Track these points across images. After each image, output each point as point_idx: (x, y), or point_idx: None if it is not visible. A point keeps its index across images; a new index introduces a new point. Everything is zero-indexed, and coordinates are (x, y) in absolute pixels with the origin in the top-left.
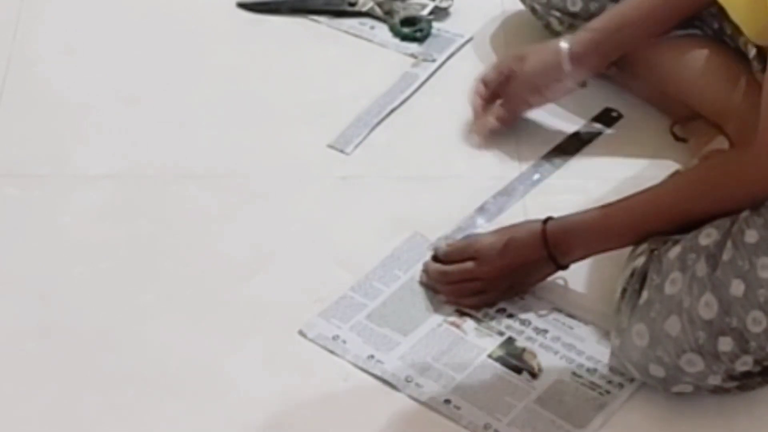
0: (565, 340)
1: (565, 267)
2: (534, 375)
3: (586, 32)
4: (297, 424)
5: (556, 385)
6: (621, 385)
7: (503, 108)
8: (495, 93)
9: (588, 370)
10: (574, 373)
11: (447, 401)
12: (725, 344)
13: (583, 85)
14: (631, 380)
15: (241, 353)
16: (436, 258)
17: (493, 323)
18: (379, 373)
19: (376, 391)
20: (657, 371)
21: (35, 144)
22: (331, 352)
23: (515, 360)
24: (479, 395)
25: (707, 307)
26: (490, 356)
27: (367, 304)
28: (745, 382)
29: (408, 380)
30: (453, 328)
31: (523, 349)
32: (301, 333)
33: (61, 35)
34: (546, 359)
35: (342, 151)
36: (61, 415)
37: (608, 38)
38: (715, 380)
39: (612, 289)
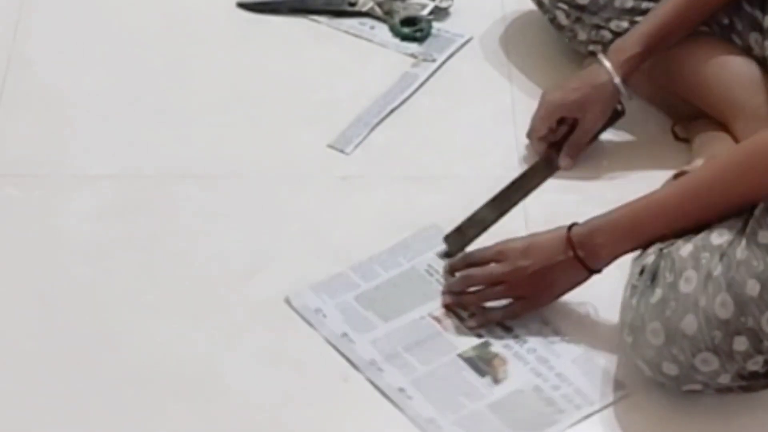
0: (540, 353)
1: (597, 271)
2: (496, 381)
3: (632, 57)
4: (297, 424)
5: (513, 395)
6: (579, 407)
7: (570, 157)
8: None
9: (552, 386)
10: (536, 387)
11: (401, 389)
12: (740, 344)
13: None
14: (591, 403)
15: (241, 353)
16: (452, 272)
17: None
18: (346, 352)
19: (376, 391)
20: (670, 369)
21: (35, 144)
22: (309, 323)
23: (483, 363)
24: (434, 390)
25: (723, 307)
26: (460, 355)
27: (361, 285)
28: (750, 383)
29: (372, 363)
30: (434, 323)
31: (496, 355)
32: (287, 300)
33: (61, 35)
34: (515, 368)
35: (342, 151)
36: (61, 415)
37: (651, 54)
38: (725, 379)
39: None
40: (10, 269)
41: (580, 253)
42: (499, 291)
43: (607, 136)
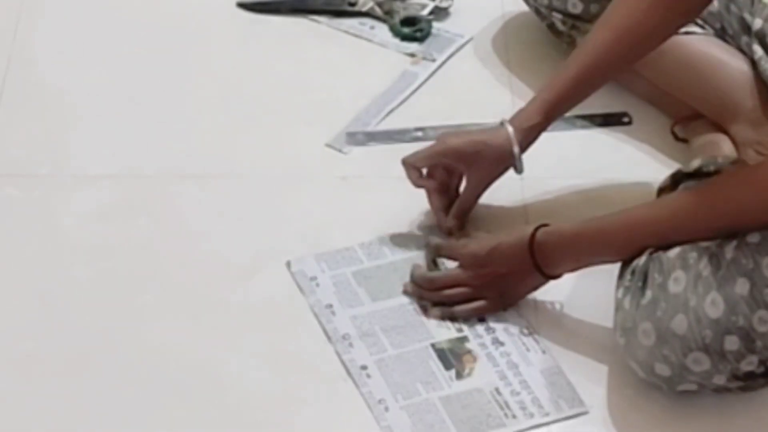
0: (513, 359)
1: (554, 277)
2: (460, 376)
3: (532, 126)
4: (297, 424)
5: (470, 393)
6: (531, 415)
7: (459, 218)
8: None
9: (512, 391)
10: (496, 389)
11: (363, 367)
12: (731, 343)
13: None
14: (545, 414)
15: (241, 353)
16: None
17: (461, 320)
18: (324, 323)
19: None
20: (663, 370)
21: (35, 144)
22: (300, 289)
23: (453, 357)
24: (396, 373)
25: (713, 306)
26: (433, 345)
27: (363, 261)
28: (747, 383)
29: (345, 338)
30: (419, 311)
31: (468, 351)
32: (288, 264)
33: (61, 35)
34: (483, 368)
35: (341, 151)
36: (61, 415)
37: (555, 118)
38: (719, 380)
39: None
40: (10, 269)
41: (540, 260)
42: (464, 293)
43: (608, 136)
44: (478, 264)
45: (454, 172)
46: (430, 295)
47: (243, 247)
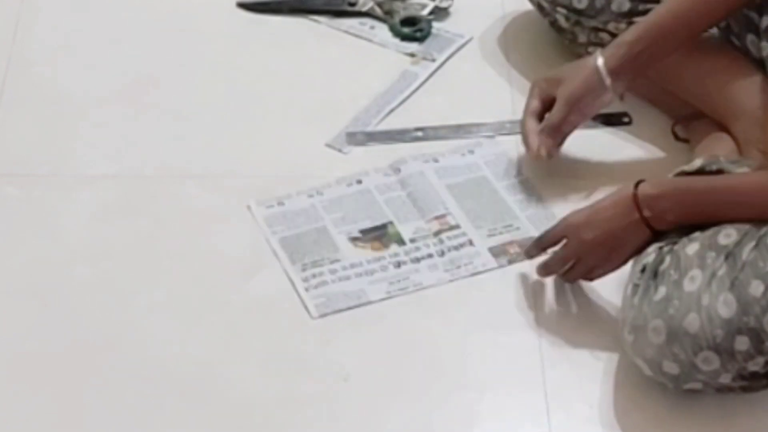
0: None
1: (658, 233)
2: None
3: (621, 46)
4: (297, 424)
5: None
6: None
7: (551, 138)
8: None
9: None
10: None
11: None
12: (741, 343)
13: (622, 97)
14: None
15: (241, 353)
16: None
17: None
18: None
19: (376, 391)
20: (671, 368)
21: (35, 144)
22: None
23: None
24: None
25: (726, 306)
26: None
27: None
28: (750, 384)
29: None
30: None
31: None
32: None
33: (61, 35)
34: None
35: (341, 151)
36: (61, 415)
37: (644, 50)
38: (725, 379)
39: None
40: (10, 269)
41: (646, 213)
42: (578, 270)
43: (608, 136)
44: (584, 228)
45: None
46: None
47: (243, 248)
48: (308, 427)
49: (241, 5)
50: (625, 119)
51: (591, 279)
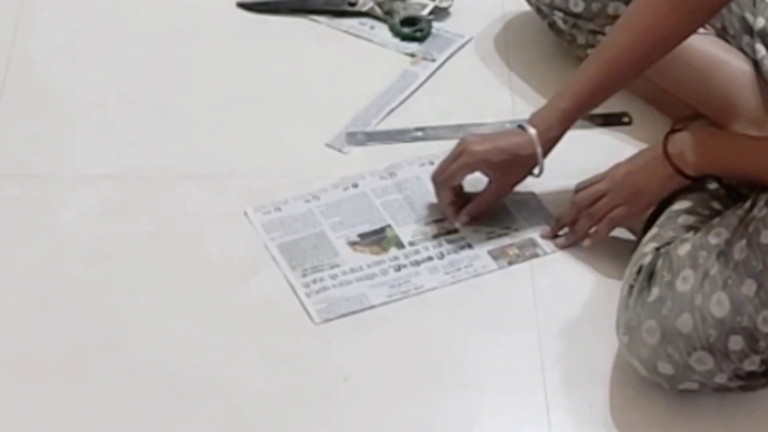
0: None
1: (685, 176)
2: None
3: (554, 137)
4: (297, 424)
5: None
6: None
7: (469, 216)
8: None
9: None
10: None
11: None
12: (735, 343)
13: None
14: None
15: (241, 353)
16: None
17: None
18: None
19: (376, 391)
20: (666, 369)
21: (35, 144)
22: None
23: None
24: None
25: (719, 305)
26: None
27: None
28: (748, 383)
29: None
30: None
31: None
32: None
33: (61, 35)
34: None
35: (341, 151)
36: (61, 415)
37: (579, 113)
38: (721, 379)
39: None
40: (10, 269)
41: (671, 149)
42: (604, 204)
43: (608, 136)
44: (618, 166)
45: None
46: (580, 227)
47: (243, 247)
48: (308, 427)
49: (241, 5)
50: (625, 119)
51: (611, 225)
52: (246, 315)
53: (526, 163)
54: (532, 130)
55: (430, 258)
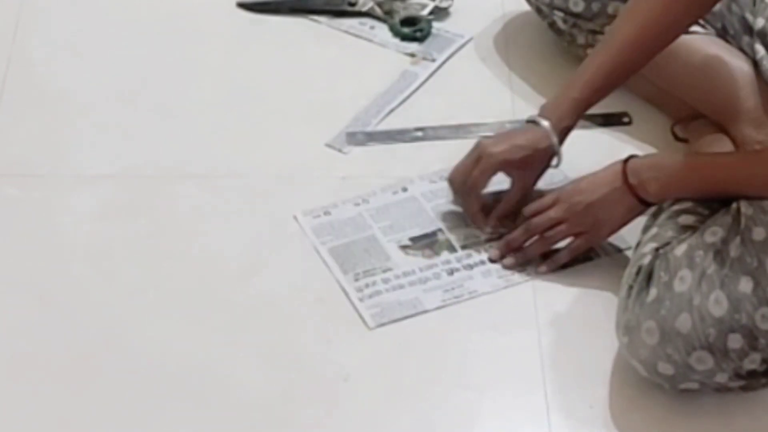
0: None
1: (647, 204)
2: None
3: (567, 127)
4: (297, 424)
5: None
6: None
7: (504, 216)
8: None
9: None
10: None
11: None
12: (735, 341)
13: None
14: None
15: (241, 353)
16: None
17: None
18: None
19: (376, 391)
20: (666, 369)
21: (35, 144)
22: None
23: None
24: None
25: (717, 304)
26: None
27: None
28: (749, 382)
29: None
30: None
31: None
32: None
33: (61, 35)
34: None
35: (341, 151)
36: (61, 415)
37: (590, 102)
38: (721, 378)
39: None
40: (10, 269)
41: (632, 180)
42: (561, 231)
43: (608, 136)
44: (575, 193)
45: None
46: (532, 250)
47: (243, 247)
48: (308, 427)
49: (241, 5)
50: (625, 119)
51: (572, 254)
52: (245, 315)
53: (544, 156)
54: (545, 122)
55: (482, 262)
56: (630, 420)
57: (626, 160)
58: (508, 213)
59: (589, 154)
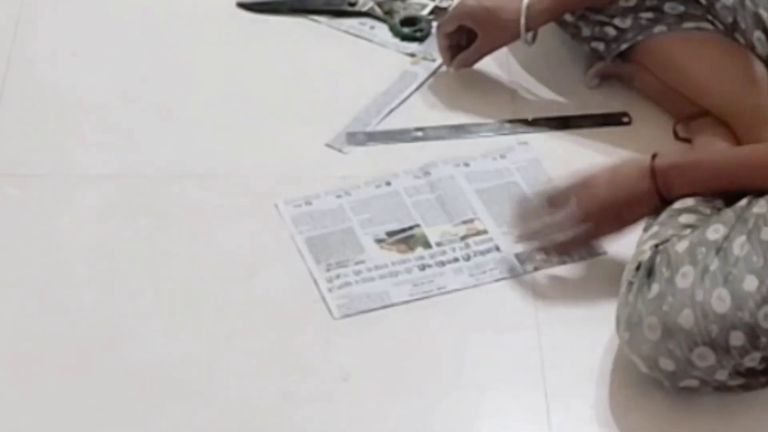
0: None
1: (668, 203)
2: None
3: (543, 10)
4: (297, 424)
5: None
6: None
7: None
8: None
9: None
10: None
11: None
12: (736, 339)
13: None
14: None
15: (241, 353)
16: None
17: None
18: None
19: (376, 391)
20: (667, 365)
21: (35, 144)
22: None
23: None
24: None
25: (720, 301)
26: None
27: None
28: (748, 381)
29: None
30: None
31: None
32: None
33: (61, 35)
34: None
35: (341, 151)
36: (61, 415)
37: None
38: (722, 375)
39: None
40: (11, 269)
41: (660, 184)
42: (584, 230)
43: (608, 136)
44: (598, 190)
45: (468, 35)
46: (554, 247)
47: (243, 247)
48: (308, 427)
49: (241, 5)
50: (625, 119)
51: (584, 242)
52: (246, 315)
53: (507, 27)
54: (524, 1)
55: (456, 259)
56: (630, 420)
57: (653, 158)
58: (467, 64)
59: (590, 154)
